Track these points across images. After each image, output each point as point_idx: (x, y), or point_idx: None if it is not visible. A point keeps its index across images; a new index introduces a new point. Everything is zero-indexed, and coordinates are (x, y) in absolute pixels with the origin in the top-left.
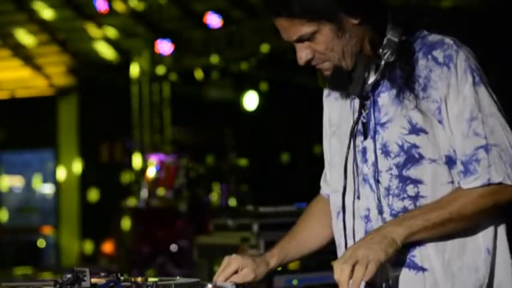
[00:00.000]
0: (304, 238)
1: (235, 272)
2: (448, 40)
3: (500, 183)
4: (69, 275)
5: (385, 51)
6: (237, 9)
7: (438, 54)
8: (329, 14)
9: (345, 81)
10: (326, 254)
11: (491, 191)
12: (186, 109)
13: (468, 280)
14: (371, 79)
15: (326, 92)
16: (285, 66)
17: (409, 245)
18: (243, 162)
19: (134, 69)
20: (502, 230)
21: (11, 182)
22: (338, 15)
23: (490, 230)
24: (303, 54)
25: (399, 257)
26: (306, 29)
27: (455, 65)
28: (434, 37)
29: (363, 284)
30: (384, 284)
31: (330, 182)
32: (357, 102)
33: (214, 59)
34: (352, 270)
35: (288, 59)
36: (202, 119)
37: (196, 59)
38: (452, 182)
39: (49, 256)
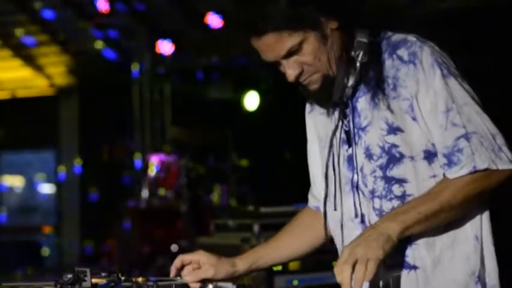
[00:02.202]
0: (279, 246)
1: (199, 268)
2: (411, 38)
3: (486, 169)
4: (70, 275)
5: (357, 52)
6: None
7: (402, 52)
8: (312, 20)
9: (331, 89)
10: (327, 254)
11: (478, 177)
12: (187, 109)
13: (459, 270)
14: (350, 82)
15: (308, 108)
16: None
17: (401, 245)
18: (244, 162)
19: (135, 70)
20: (486, 216)
21: (12, 181)
22: (320, 21)
23: (476, 217)
24: (292, 70)
25: (392, 259)
26: (294, 39)
27: (420, 61)
28: (397, 36)
29: (366, 284)
30: (383, 284)
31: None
32: (337, 111)
33: (215, 59)
34: (353, 270)
35: None
36: (203, 119)
37: (197, 59)
38: (435, 176)
39: (50, 256)
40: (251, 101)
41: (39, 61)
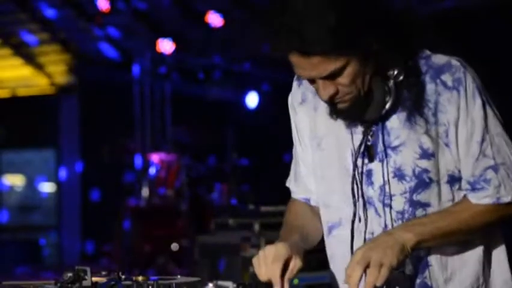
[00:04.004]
0: (308, 233)
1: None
2: (455, 62)
3: (509, 203)
4: (70, 274)
5: (394, 71)
6: (238, 9)
7: (447, 78)
8: (360, 43)
9: (362, 108)
10: None
11: (500, 207)
12: (188, 108)
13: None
14: (389, 104)
15: (298, 98)
16: (287, 65)
17: (419, 265)
18: (244, 161)
19: (136, 69)
20: (500, 238)
21: (12, 180)
22: (366, 43)
23: (489, 239)
24: (327, 91)
25: (412, 279)
26: (339, 63)
27: (464, 88)
28: (439, 59)
29: None
30: None
31: (318, 194)
32: (362, 126)
33: (216, 58)
34: (364, 273)
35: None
36: (204, 118)
37: (198, 59)
38: (453, 200)
39: (50, 255)
40: (252, 100)
41: (39, 60)
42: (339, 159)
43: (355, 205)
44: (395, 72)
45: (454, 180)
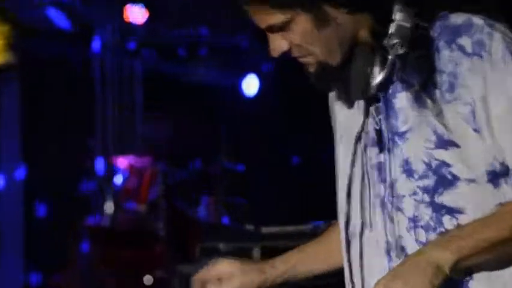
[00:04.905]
0: (317, 252)
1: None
2: (476, 20)
3: None
4: None
5: (393, 41)
6: None
7: (465, 41)
8: (305, 2)
9: (334, 81)
10: None
11: None
12: (164, 95)
13: None
14: (378, 78)
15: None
16: None
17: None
18: (239, 166)
19: (96, 43)
20: None
21: None
22: (316, 4)
23: None
24: (276, 45)
25: None
26: (277, 17)
27: (489, 52)
28: (457, 17)
29: None
30: None
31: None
32: (363, 105)
33: (202, 30)
34: None
35: None
36: (185, 107)
37: (177, 31)
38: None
39: None
40: (249, 85)
41: None
42: (345, 150)
43: (348, 204)
44: (394, 43)
45: (498, 177)
